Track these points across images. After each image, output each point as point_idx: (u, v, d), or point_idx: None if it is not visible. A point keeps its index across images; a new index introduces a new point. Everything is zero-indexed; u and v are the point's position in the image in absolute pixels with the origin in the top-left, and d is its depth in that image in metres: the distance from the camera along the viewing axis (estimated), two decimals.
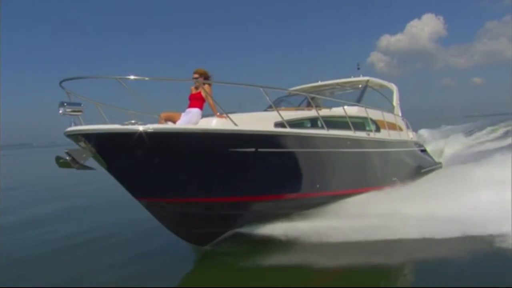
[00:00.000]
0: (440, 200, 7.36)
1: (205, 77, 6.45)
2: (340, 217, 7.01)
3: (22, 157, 70.79)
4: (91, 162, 5.44)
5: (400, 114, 11.28)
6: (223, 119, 5.95)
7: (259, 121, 6.44)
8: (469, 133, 31.10)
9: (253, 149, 5.95)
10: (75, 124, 5.35)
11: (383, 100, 10.86)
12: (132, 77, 5.24)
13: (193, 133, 5.45)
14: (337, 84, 11.18)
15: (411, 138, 10.97)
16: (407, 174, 10.01)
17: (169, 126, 5.59)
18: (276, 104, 10.54)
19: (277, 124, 6.49)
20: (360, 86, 10.25)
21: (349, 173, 7.87)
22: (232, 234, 6.91)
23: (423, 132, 35.51)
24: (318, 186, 7.19)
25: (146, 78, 5.41)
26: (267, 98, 6.16)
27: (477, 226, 6.46)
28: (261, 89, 6.15)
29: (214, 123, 5.91)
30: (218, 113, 6.15)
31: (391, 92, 11.36)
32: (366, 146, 8.15)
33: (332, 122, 7.74)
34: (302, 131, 6.59)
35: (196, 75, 6.44)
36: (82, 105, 5.38)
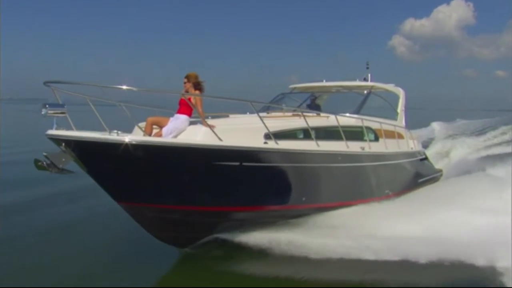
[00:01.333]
0: (425, 220, 7.24)
1: (196, 82, 6.32)
2: (320, 232, 6.96)
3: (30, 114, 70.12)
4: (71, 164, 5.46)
5: (403, 121, 11.01)
6: (210, 129, 5.87)
7: (248, 132, 6.33)
8: (481, 131, 30.40)
9: (237, 163, 5.90)
10: (58, 126, 5.33)
11: (387, 106, 10.56)
12: (124, 87, 5.37)
13: (178, 147, 5.44)
14: (342, 86, 10.92)
15: (411, 148, 10.72)
16: (402, 186, 9.86)
17: (154, 139, 5.59)
18: (278, 100, 10.41)
19: (268, 135, 6.39)
20: (365, 92, 9.94)
21: (338, 186, 7.76)
22: (214, 238, 6.96)
23: (435, 125, 34.88)
24: (304, 199, 7.13)
25: (135, 89, 5.49)
26: (255, 111, 6.03)
27: (463, 255, 6.31)
28: (249, 103, 6.04)
29: (201, 136, 5.81)
30: (205, 122, 6.08)
31: (397, 97, 11.03)
32: (358, 161, 8.00)
33: (328, 132, 7.60)
34: (289, 147, 6.46)
35: (186, 80, 6.33)
36: (65, 106, 5.34)
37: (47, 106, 5.15)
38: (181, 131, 6.06)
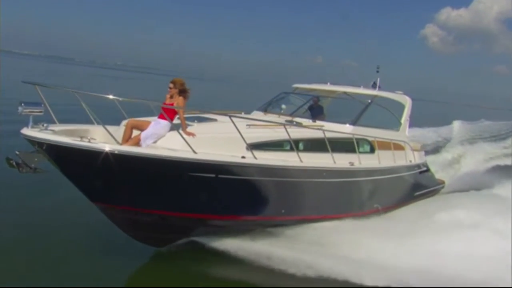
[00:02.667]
0: (406, 244, 7.13)
1: (181, 89, 6.24)
2: (295, 245, 6.95)
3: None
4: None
5: (406, 132, 10.66)
6: (190, 137, 5.82)
7: (230, 142, 6.23)
8: (503, 136, 29.39)
9: (213, 175, 5.88)
10: (34, 125, 5.38)
11: (390, 115, 10.22)
12: (111, 96, 5.43)
13: (155, 158, 5.44)
14: (345, 92, 10.62)
15: (410, 160, 10.39)
16: (393, 200, 9.66)
17: (133, 149, 5.54)
18: (279, 100, 10.22)
19: (250, 146, 6.28)
20: (369, 101, 9.60)
21: (322, 200, 7.64)
22: (191, 241, 7.01)
23: (456, 124, 33.89)
24: (283, 211, 7.08)
25: (120, 99, 5.60)
26: (236, 128, 5.93)
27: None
28: (228, 117, 5.95)
29: (179, 144, 5.75)
30: (187, 129, 6.04)
31: (402, 106, 10.65)
32: (345, 176, 7.82)
33: (317, 144, 7.42)
34: (268, 161, 6.35)
35: (171, 85, 6.25)
36: (42, 105, 5.37)
37: (22, 104, 5.17)
38: (161, 137, 6.01)
